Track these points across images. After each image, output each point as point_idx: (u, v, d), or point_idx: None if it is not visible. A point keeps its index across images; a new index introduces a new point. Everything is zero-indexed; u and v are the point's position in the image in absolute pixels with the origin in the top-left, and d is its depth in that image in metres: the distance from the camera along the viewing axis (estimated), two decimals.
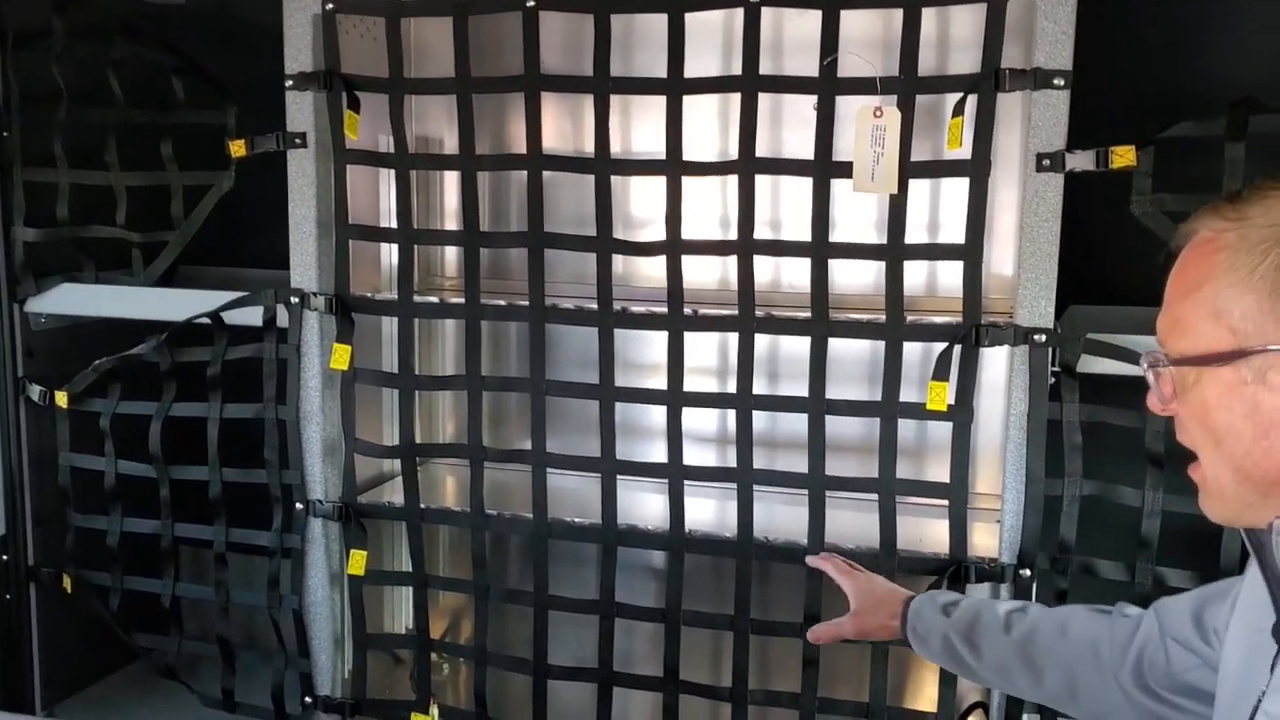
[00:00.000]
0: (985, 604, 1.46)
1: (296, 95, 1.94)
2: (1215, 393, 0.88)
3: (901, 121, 1.69)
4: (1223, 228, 0.89)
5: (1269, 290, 0.84)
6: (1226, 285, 0.87)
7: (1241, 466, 0.88)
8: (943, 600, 1.50)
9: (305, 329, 1.98)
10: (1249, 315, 0.85)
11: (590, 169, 1.84)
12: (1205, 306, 0.88)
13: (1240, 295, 0.86)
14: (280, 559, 2.05)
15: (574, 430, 2.25)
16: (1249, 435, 0.86)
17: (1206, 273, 0.89)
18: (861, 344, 2.11)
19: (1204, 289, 0.89)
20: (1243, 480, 0.89)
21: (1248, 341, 0.86)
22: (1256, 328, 0.85)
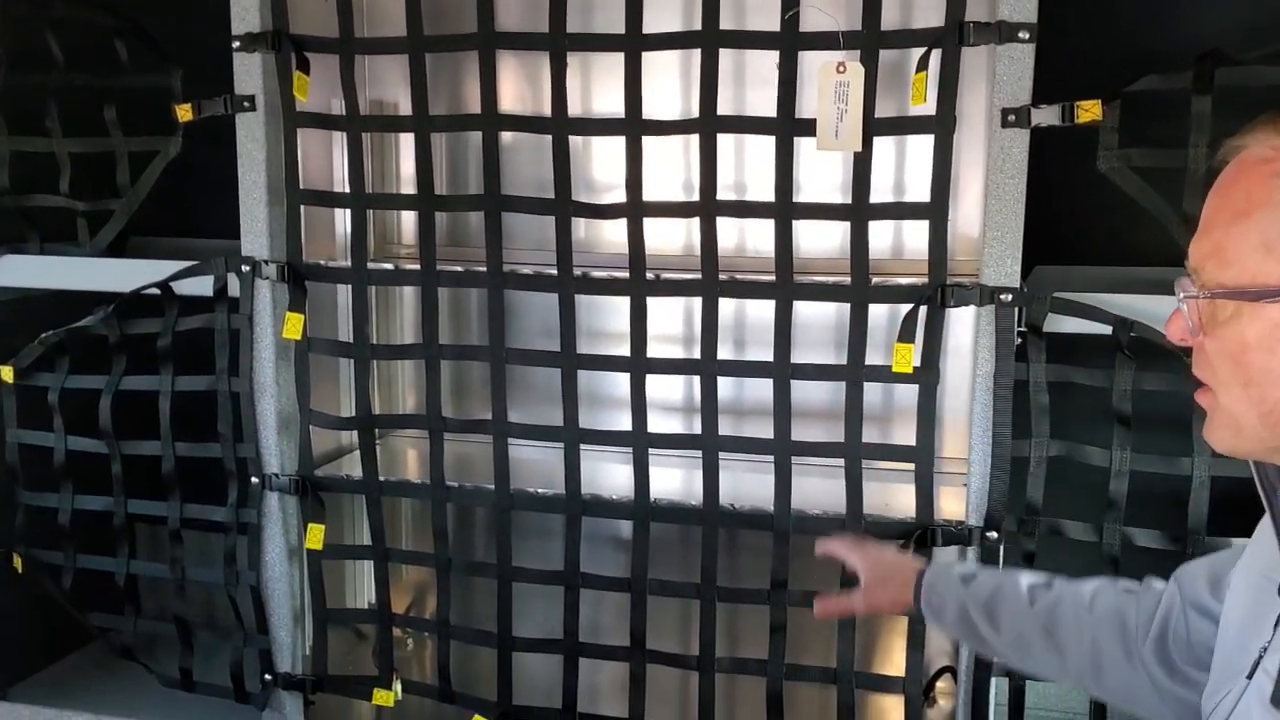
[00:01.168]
0: (1006, 576, 1.37)
1: (244, 57, 1.88)
2: (1257, 331, 0.80)
3: (865, 77, 1.66)
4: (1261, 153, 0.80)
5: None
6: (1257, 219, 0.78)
7: (1274, 411, 0.81)
8: (959, 571, 1.41)
9: (257, 298, 1.93)
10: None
11: (547, 129, 1.79)
12: (1255, 235, 0.79)
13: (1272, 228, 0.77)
14: (236, 535, 2.01)
15: (539, 400, 2.23)
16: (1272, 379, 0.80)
17: (1260, 197, 0.79)
18: (828, 310, 2.08)
19: (1254, 215, 0.79)
20: (1269, 424, 0.82)
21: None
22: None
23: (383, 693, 2.00)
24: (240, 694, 2.06)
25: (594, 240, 2.22)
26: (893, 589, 1.48)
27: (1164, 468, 1.68)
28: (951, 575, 1.40)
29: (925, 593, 1.42)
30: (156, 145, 2.01)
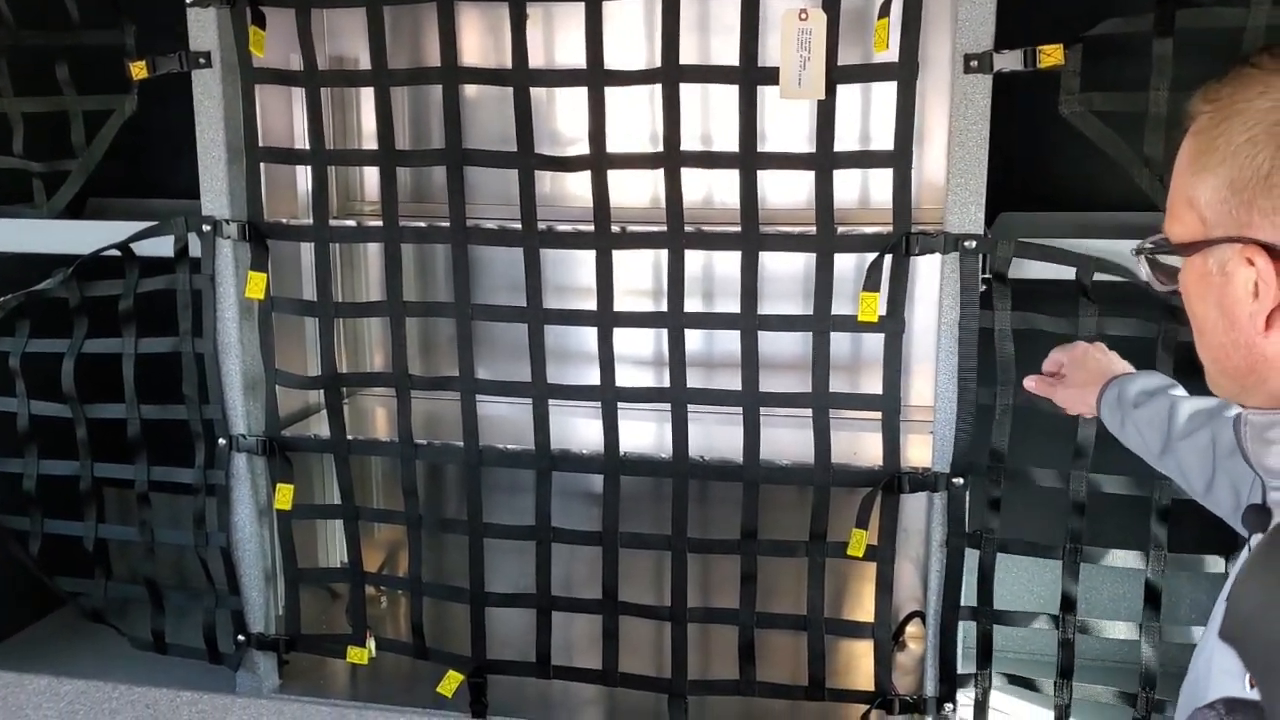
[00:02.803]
0: (1174, 403, 1.33)
1: (198, 12, 1.85)
2: (1192, 281, 0.85)
3: (827, 24, 1.64)
4: (1201, 110, 0.83)
5: (1226, 176, 0.79)
6: (1196, 171, 0.82)
7: (1217, 357, 0.85)
8: (1136, 390, 1.40)
9: (219, 258, 1.91)
10: (1211, 203, 0.81)
11: (508, 81, 1.77)
12: (1182, 193, 0.84)
13: (1205, 182, 0.81)
14: (205, 496, 2.00)
15: (507, 356, 2.22)
16: (1221, 327, 0.83)
17: (1186, 159, 0.84)
18: (796, 262, 2.08)
19: (1183, 175, 0.84)
20: (1220, 371, 0.86)
21: (1211, 231, 0.81)
22: (1218, 216, 0.80)
23: (357, 650, 2.01)
24: (213, 655, 2.06)
25: (559, 194, 2.21)
26: (1083, 390, 1.50)
27: None
28: (1128, 396, 1.40)
29: (1103, 407, 1.44)
30: (111, 104, 1.98)
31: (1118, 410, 1.42)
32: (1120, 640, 1.83)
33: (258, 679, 2.05)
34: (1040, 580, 2.12)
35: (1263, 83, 0.78)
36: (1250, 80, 0.79)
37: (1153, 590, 1.74)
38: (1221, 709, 0.68)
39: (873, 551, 1.80)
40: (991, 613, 1.80)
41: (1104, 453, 1.71)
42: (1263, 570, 0.65)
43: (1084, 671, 1.83)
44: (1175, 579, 2.01)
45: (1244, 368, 0.83)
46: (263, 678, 2.05)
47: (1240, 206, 0.79)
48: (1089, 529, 1.75)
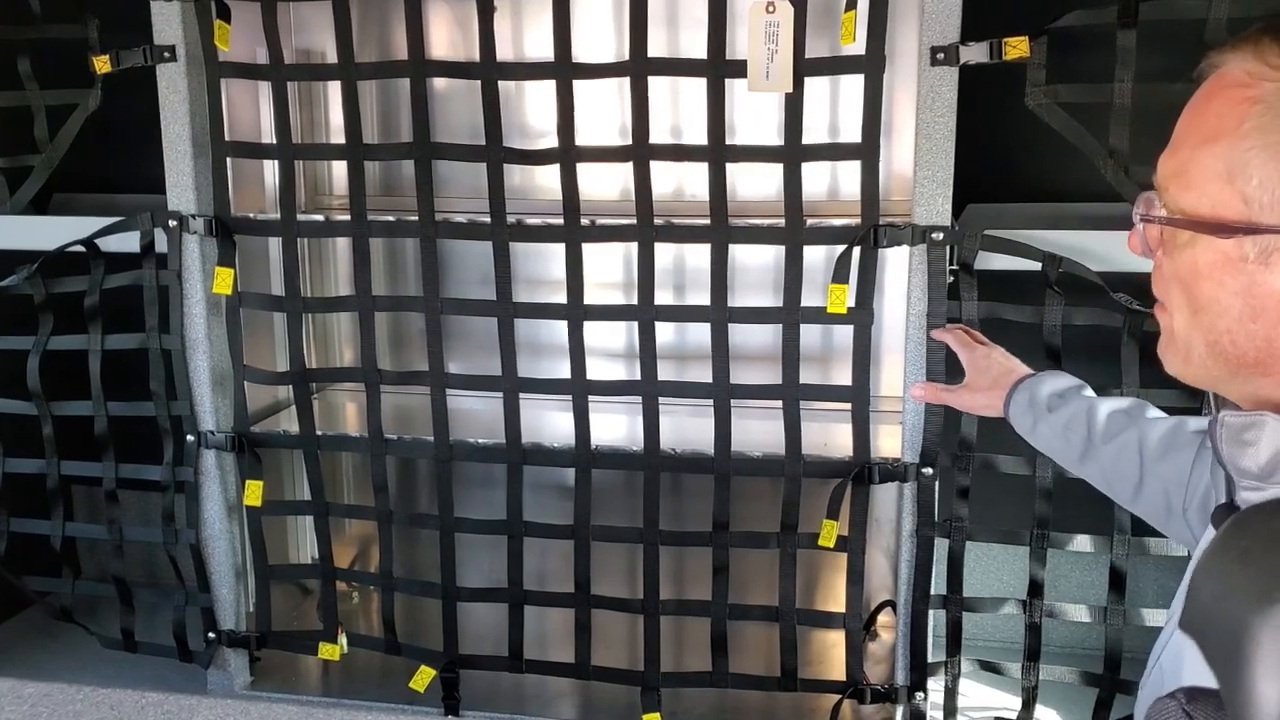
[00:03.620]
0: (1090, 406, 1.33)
1: (162, 6, 1.83)
2: (1208, 261, 0.77)
3: (795, 17, 1.65)
4: (1261, 74, 0.74)
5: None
6: (1252, 146, 0.73)
7: (1218, 342, 0.78)
8: (1048, 392, 1.39)
9: (185, 253, 1.90)
10: (1269, 185, 0.72)
11: (475, 75, 1.77)
12: (1220, 162, 0.75)
13: (1265, 161, 0.72)
14: (174, 493, 1.98)
15: (478, 350, 2.22)
16: (1234, 313, 0.76)
17: (1230, 124, 0.74)
18: (768, 253, 2.09)
19: (1222, 142, 0.75)
20: (1215, 355, 0.79)
21: (1261, 215, 0.73)
22: (1274, 200, 0.72)
23: (329, 646, 2.00)
24: (184, 653, 2.04)
25: (529, 187, 2.21)
26: (991, 398, 1.50)
27: None
28: (1040, 399, 1.39)
29: (1012, 409, 1.44)
30: (75, 99, 1.95)
31: (1029, 413, 1.41)
32: (1088, 626, 1.85)
33: (229, 676, 2.04)
34: (1010, 568, 2.14)
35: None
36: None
37: (1117, 574, 1.76)
38: (1182, 698, 0.68)
39: (843, 542, 1.81)
40: (961, 600, 1.82)
41: None
42: (1221, 560, 0.65)
43: (1054, 658, 1.85)
44: (1141, 564, 2.03)
45: (1249, 360, 0.78)
46: (234, 675, 2.04)
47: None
48: (1058, 516, 1.76)
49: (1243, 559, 0.63)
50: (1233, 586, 0.62)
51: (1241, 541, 0.64)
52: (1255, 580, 0.60)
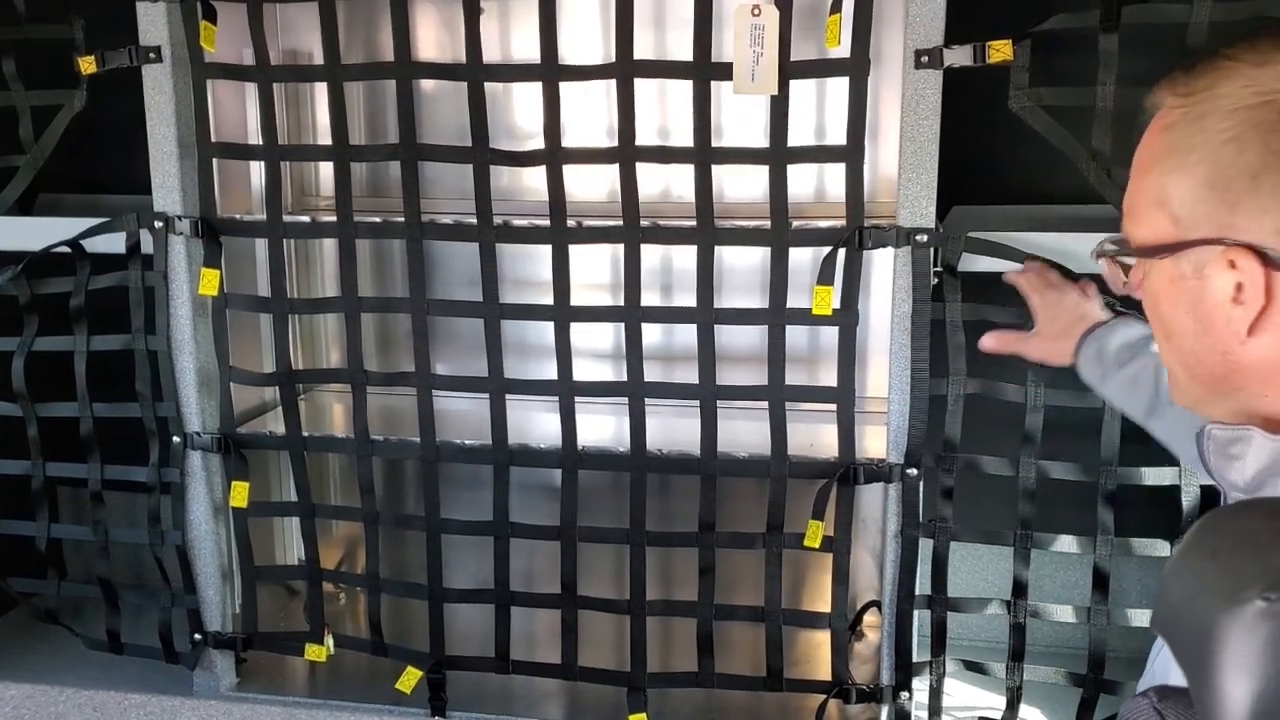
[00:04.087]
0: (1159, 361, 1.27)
1: (148, 6, 1.83)
2: (1162, 286, 0.80)
3: (780, 20, 1.65)
4: (1173, 105, 0.79)
5: (1205, 175, 0.75)
6: (1168, 170, 0.78)
7: (1188, 363, 0.81)
8: (1118, 344, 1.36)
9: (171, 254, 1.90)
10: (1187, 203, 0.77)
11: (461, 76, 1.77)
12: (1152, 192, 0.80)
13: (1179, 181, 0.77)
14: (159, 494, 1.98)
15: (466, 351, 2.22)
16: (1192, 332, 0.79)
17: (1154, 155, 0.80)
18: (755, 256, 2.09)
19: (1151, 173, 0.80)
20: (1191, 377, 0.82)
21: (1187, 232, 0.77)
22: (1194, 217, 0.76)
23: (315, 647, 2.00)
24: (170, 654, 2.04)
25: (516, 188, 2.21)
26: (1058, 342, 1.48)
27: (1077, 401, 1.72)
28: (1109, 352, 1.37)
29: (1081, 361, 1.42)
30: (60, 99, 1.95)
31: (1097, 366, 1.38)
32: (1073, 626, 1.86)
33: (215, 678, 2.04)
34: (994, 568, 2.15)
35: (1246, 76, 0.75)
36: (1230, 74, 0.75)
37: (1100, 574, 1.77)
38: (1153, 696, 0.69)
39: (829, 542, 1.82)
40: (945, 601, 1.83)
41: (1053, 440, 1.75)
42: (1190, 559, 0.66)
43: (1039, 658, 1.86)
44: (1125, 564, 2.05)
45: (1217, 375, 0.80)
46: (220, 676, 2.04)
47: (1222, 207, 0.75)
48: (1043, 516, 1.77)
49: (1212, 558, 0.64)
50: (1201, 586, 0.63)
51: (1211, 541, 0.65)
52: (1223, 580, 0.61)
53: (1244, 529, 0.64)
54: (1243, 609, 0.58)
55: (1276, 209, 0.73)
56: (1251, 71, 0.74)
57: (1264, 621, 0.58)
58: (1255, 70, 0.74)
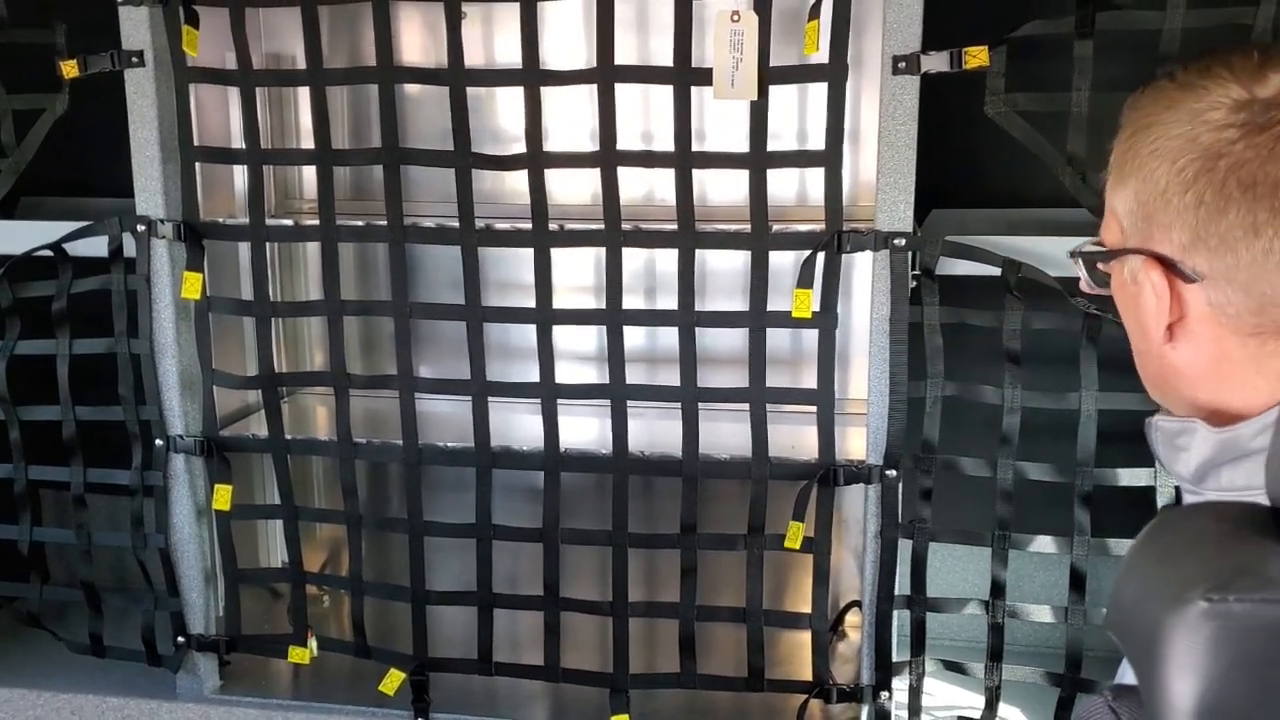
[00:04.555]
0: None
1: (130, 11, 1.83)
2: (1115, 289, 0.86)
3: (759, 26, 1.67)
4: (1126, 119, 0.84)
5: (1134, 189, 0.80)
6: (1115, 181, 0.83)
7: (1140, 365, 0.86)
8: None
9: (154, 258, 1.90)
10: (1127, 213, 0.81)
11: (443, 81, 1.78)
12: (1109, 200, 0.85)
13: (1121, 192, 0.82)
14: (142, 497, 1.98)
15: (450, 353, 2.23)
16: (1137, 334, 0.84)
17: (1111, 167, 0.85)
18: (739, 258, 2.11)
19: (1109, 184, 0.85)
20: (1144, 378, 0.86)
21: (1127, 240, 0.82)
22: (1131, 227, 0.81)
23: (298, 650, 2.01)
24: (153, 657, 2.04)
25: (499, 190, 2.22)
26: None
27: (1053, 403, 1.74)
28: None
29: None
30: (42, 103, 1.95)
31: None
32: (1051, 626, 1.88)
33: (198, 680, 2.04)
34: (974, 569, 2.17)
35: (1168, 97, 0.79)
36: (1161, 93, 0.80)
37: (1077, 574, 1.79)
38: (1109, 695, 0.71)
39: (809, 543, 1.84)
40: (925, 601, 1.84)
41: (1030, 441, 1.77)
42: (1141, 561, 0.68)
43: (1018, 657, 1.88)
44: (1102, 564, 2.06)
45: (1156, 376, 0.84)
46: (203, 679, 2.04)
47: (1143, 219, 0.80)
48: (1021, 517, 1.79)
49: (1160, 560, 0.66)
50: (1150, 587, 0.64)
51: (1160, 543, 0.67)
52: (1170, 582, 0.62)
53: (1191, 532, 0.66)
54: (1187, 610, 0.60)
55: (1179, 225, 0.77)
56: (1175, 93, 0.79)
57: (1207, 622, 0.59)
58: (1178, 91, 0.78)
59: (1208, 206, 0.76)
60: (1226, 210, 0.75)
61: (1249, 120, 0.75)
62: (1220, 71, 0.77)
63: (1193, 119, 0.77)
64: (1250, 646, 0.59)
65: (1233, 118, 0.75)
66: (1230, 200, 0.75)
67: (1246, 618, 0.59)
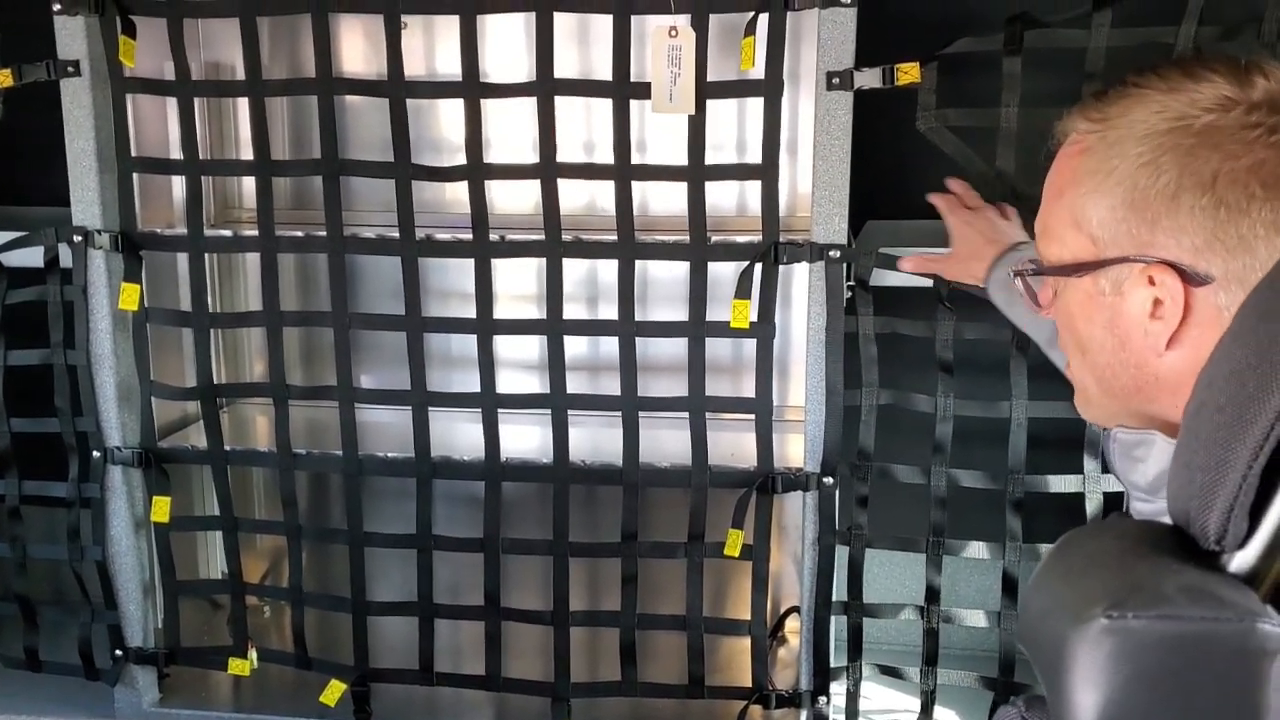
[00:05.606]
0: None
1: (66, 20, 1.81)
2: (1077, 302, 0.85)
3: (696, 41, 1.69)
4: (1086, 129, 0.84)
5: (1124, 196, 0.80)
6: (1086, 191, 0.82)
7: (1103, 377, 0.86)
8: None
9: (91, 269, 1.88)
10: (1106, 223, 0.81)
11: (383, 92, 1.79)
12: (1067, 213, 0.84)
13: (1098, 202, 0.81)
14: (79, 510, 1.96)
15: (390, 362, 2.22)
16: (1108, 347, 0.84)
17: (1069, 178, 0.85)
18: (679, 266, 2.12)
19: (1066, 195, 0.85)
20: (1105, 390, 0.87)
21: (1105, 251, 0.82)
22: (1113, 236, 0.81)
23: (238, 661, 2.00)
24: (90, 671, 2.02)
25: (440, 200, 2.22)
26: (968, 264, 1.53)
27: (984, 411, 1.78)
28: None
29: (991, 285, 1.47)
30: None
31: (1004, 290, 1.42)
32: (985, 631, 1.92)
33: (137, 694, 2.02)
34: (911, 574, 2.20)
35: (1158, 102, 0.80)
36: (1142, 100, 0.80)
37: (1009, 580, 1.82)
38: (1021, 705, 0.73)
39: (749, 551, 1.86)
40: (861, 607, 1.87)
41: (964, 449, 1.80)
42: (1047, 578, 0.70)
43: (957, 660, 1.91)
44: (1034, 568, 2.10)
45: (1131, 388, 0.84)
46: (142, 693, 2.02)
47: (1141, 226, 0.79)
48: (955, 523, 1.82)
49: (1064, 578, 0.68)
50: (1055, 604, 0.66)
51: (1065, 561, 0.69)
52: (1073, 598, 0.64)
53: (1094, 550, 0.68)
54: (1088, 626, 0.62)
55: (1193, 228, 0.78)
56: (1162, 98, 0.80)
57: (1107, 637, 0.61)
58: (1166, 97, 0.80)
59: (1229, 207, 0.76)
60: (1249, 210, 0.76)
61: (1261, 121, 0.77)
62: (1208, 75, 0.79)
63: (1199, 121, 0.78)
64: (1148, 661, 0.61)
65: (1246, 118, 0.77)
66: (1254, 199, 0.76)
67: (1144, 633, 0.61)
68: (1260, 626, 0.59)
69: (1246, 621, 0.59)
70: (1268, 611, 0.60)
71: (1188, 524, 0.65)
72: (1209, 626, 0.60)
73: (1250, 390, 0.61)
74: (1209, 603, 0.60)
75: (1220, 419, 0.63)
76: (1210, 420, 0.63)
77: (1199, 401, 0.66)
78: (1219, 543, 0.63)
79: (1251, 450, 0.60)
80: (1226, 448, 0.62)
